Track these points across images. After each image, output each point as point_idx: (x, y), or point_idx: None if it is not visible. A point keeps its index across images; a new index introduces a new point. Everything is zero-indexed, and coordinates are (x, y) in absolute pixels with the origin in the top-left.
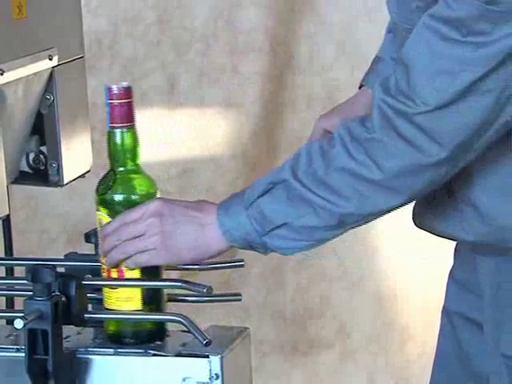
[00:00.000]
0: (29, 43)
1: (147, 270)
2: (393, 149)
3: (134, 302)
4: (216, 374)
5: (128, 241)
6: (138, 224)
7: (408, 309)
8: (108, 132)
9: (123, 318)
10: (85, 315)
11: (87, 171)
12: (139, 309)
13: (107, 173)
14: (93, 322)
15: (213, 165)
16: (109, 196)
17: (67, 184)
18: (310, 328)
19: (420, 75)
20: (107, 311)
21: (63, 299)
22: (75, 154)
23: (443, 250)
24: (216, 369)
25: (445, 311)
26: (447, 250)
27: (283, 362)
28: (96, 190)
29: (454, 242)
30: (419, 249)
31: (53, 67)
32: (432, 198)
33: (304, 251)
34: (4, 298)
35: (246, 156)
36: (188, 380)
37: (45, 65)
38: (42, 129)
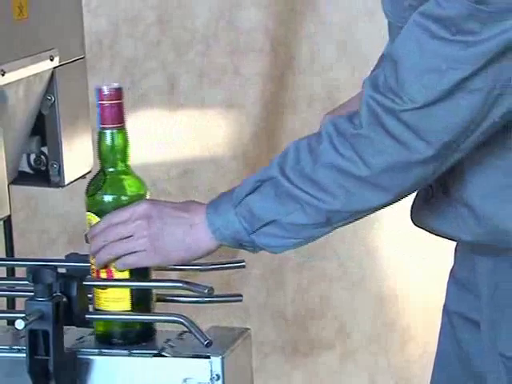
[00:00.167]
0: (30, 44)
1: (136, 271)
2: (380, 145)
3: (123, 303)
4: (217, 375)
5: (116, 242)
6: (126, 225)
7: (409, 309)
8: (98, 133)
9: (124, 319)
10: (86, 316)
11: (88, 172)
12: (128, 309)
13: (97, 173)
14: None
15: (213, 165)
16: (98, 197)
17: (68, 184)
18: (311, 328)
19: (409, 72)
20: (108, 312)
21: (64, 300)
22: (76, 155)
23: (443, 250)
24: (217, 369)
25: (445, 311)
26: (447, 250)
27: (284, 363)
28: (86, 191)
29: (454, 242)
30: (419, 249)
31: (54, 68)
32: (430, 196)
33: (292, 249)
34: (5, 299)
35: (247, 157)
36: (189, 381)
37: (46, 65)
38: (43, 129)
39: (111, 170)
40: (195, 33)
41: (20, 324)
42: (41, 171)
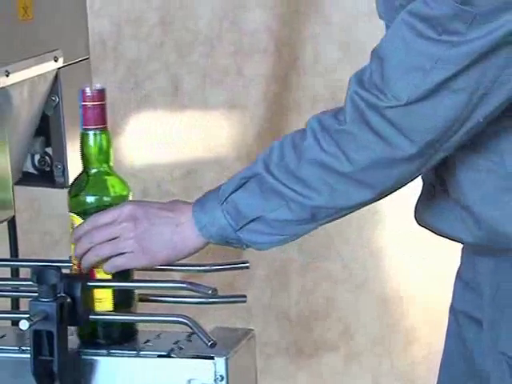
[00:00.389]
0: (34, 45)
1: (118, 272)
2: (363, 141)
3: (106, 303)
4: (221, 376)
5: (102, 243)
6: (113, 227)
7: (413, 310)
8: (81, 134)
9: (129, 320)
10: (90, 316)
11: None
12: (110, 310)
13: (80, 174)
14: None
15: (217, 166)
16: (81, 197)
17: None
18: (315, 330)
19: (394, 69)
20: (111, 312)
21: (68, 300)
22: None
23: (448, 252)
24: (221, 370)
25: (451, 310)
26: (451, 251)
27: (288, 364)
28: (68, 192)
29: (456, 243)
30: (423, 250)
31: (58, 69)
32: (432, 196)
33: (278, 246)
34: (9, 299)
35: (251, 157)
36: (193, 381)
37: (50, 66)
38: (48, 130)
39: (94, 171)
40: (198, 34)
41: (24, 324)
42: (45, 172)
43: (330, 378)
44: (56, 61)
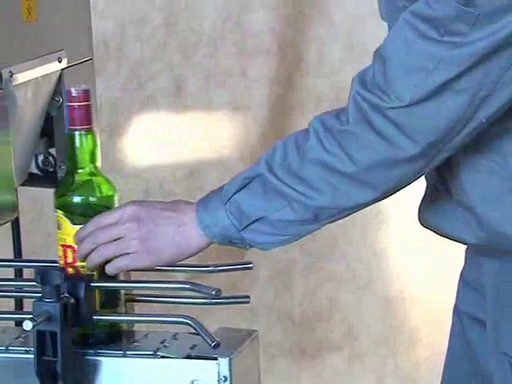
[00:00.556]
0: (38, 45)
1: (104, 272)
2: (365, 142)
3: None
4: (224, 377)
5: (106, 244)
6: (116, 228)
7: (416, 311)
8: (67, 134)
9: (133, 320)
10: (93, 317)
11: None
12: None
13: (66, 174)
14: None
15: (220, 167)
16: (68, 198)
17: None
18: (318, 330)
19: (396, 70)
20: (115, 313)
21: (72, 301)
22: None
23: (451, 252)
24: (224, 371)
25: (455, 311)
26: (455, 252)
27: (291, 365)
28: (54, 192)
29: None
30: (426, 251)
31: (62, 69)
32: (436, 197)
33: (281, 246)
34: (13, 300)
35: (254, 158)
36: (196, 382)
37: (54, 67)
38: (51, 131)
39: (80, 171)
40: (202, 35)
41: (28, 325)
42: (49, 172)
43: (334, 379)
44: (60, 61)
